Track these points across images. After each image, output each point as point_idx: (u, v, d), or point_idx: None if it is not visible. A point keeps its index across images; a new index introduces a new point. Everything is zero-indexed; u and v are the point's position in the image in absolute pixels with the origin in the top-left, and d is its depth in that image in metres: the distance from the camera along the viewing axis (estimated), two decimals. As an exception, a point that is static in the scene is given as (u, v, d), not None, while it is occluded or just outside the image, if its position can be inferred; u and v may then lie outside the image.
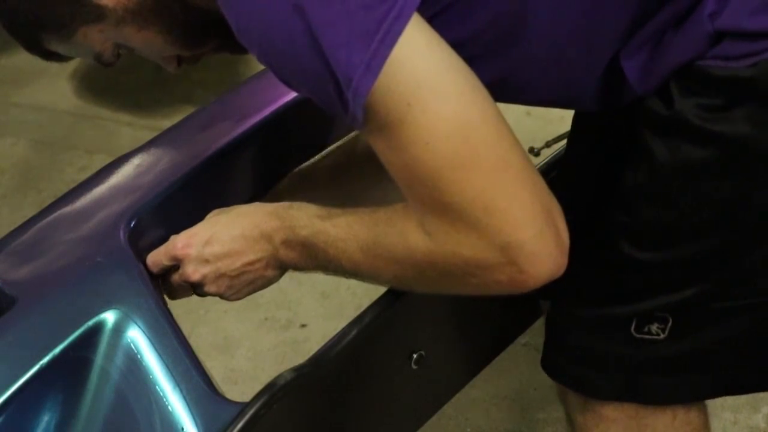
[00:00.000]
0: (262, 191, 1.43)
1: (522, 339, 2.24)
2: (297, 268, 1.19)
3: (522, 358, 2.28)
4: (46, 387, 1.13)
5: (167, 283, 1.25)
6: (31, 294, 1.20)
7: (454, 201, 0.99)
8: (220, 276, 1.20)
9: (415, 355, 1.28)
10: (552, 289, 1.16)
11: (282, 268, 1.20)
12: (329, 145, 1.51)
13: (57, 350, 1.13)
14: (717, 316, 1.18)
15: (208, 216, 1.24)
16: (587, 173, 1.33)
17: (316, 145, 1.48)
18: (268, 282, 1.22)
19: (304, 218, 1.15)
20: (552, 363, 1.31)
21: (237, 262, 1.19)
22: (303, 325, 2.40)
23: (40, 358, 1.12)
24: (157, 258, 1.23)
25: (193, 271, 1.20)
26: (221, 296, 1.23)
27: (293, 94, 1.44)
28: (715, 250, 1.14)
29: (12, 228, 1.31)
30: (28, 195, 2.85)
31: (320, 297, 2.42)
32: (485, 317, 1.43)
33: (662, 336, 1.20)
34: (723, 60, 1.07)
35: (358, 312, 1.22)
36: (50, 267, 1.24)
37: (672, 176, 1.12)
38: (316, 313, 2.41)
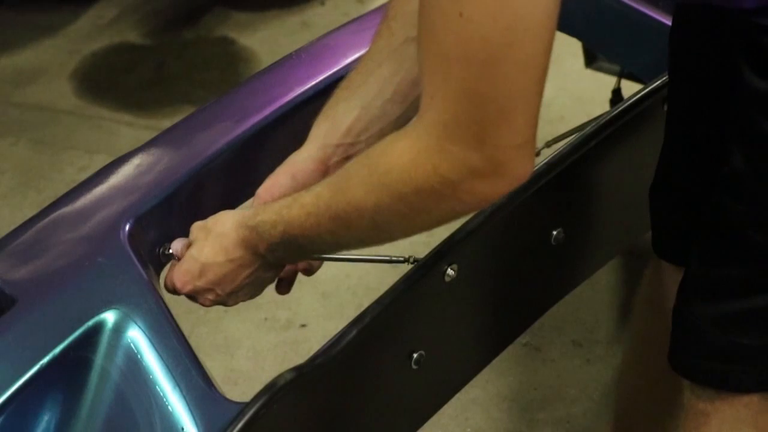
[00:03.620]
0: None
1: (522, 339, 2.25)
2: (297, 260, 1.23)
3: (522, 358, 2.28)
4: (46, 387, 1.13)
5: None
6: (31, 294, 1.20)
7: (484, 92, 0.97)
8: (229, 294, 1.25)
9: (415, 355, 1.28)
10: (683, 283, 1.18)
11: (279, 266, 1.24)
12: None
13: (57, 350, 1.13)
14: None
15: (191, 238, 1.25)
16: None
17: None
18: (273, 278, 1.27)
19: (274, 216, 1.16)
20: (687, 362, 1.28)
21: (237, 279, 1.23)
22: (303, 325, 2.40)
23: (40, 358, 1.12)
24: (174, 293, 1.26)
25: (205, 300, 1.25)
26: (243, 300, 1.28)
27: (293, 94, 1.44)
28: None
29: (12, 228, 1.31)
30: (28, 195, 2.85)
31: (320, 297, 2.42)
32: (485, 317, 1.43)
33: None
34: None
35: (358, 312, 1.22)
36: (50, 267, 1.24)
37: None
38: (316, 313, 2.41)
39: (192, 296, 1.26)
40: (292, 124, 1.43)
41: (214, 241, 1.22)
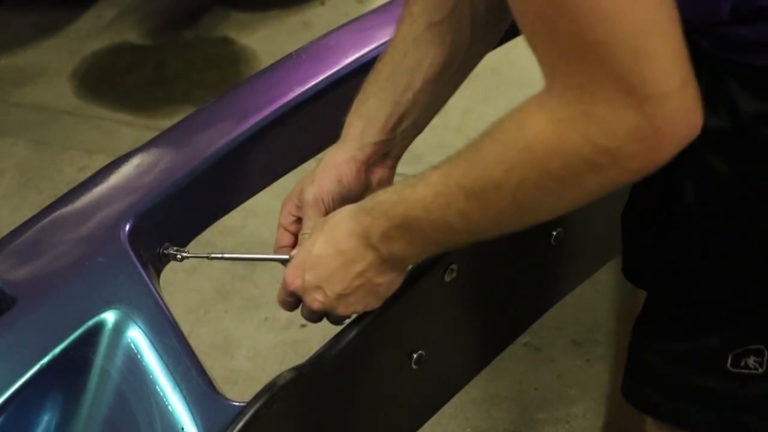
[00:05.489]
0: (261, 190, 1.44)
1: (522, 339, 2.25)
2: (412, 258, 1.12)
3: (522, 358, 2.28)
4: (46, 387, 1.13)
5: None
6: (31, 294, 1.20)
7: (602, 39, 0.86)
8: (338, 297, 1.14)
9: (415, 355, 1.28)
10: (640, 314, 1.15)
11: (398, 267, 1.13)
12: (328, 147, 1.51)
13: (57, 350, 1.13)
14: None
15: (308, 232, 1.19)
16: None
17: (316, 145, 1.48)
18: (390, 286, 1.15)
19: (394, 196, 1.06)
20: (640, 396, 1.24)
21: (346, 279, 1.12)
22: (303, 325, 2.40)
23: (40, 358, 1.12)
24: (280, 297, 1.19)
25: (312, 300, 1.15)
26: (357, 314, 1.18)
27: (293, 94, 1.44)
28: None
29: (12, 228, 1.31)
30: (28, 195, 2.85)
31: (320, 297, 2.42)
32: (485, 317, 1.43)
33: (761, 370, 1.13)
34: None
35: (358, 312, 1.22)
36: (50, 267, 1.24)
37: (746, 197, 1.07)
38: (316, 313, 2.41)
39: (299, 300, 1.17)
40: (292, 124, 1.43)
41: (328, 231, 1.12)
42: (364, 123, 1.24)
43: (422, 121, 1.26)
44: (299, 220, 1.25)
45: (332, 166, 1.24)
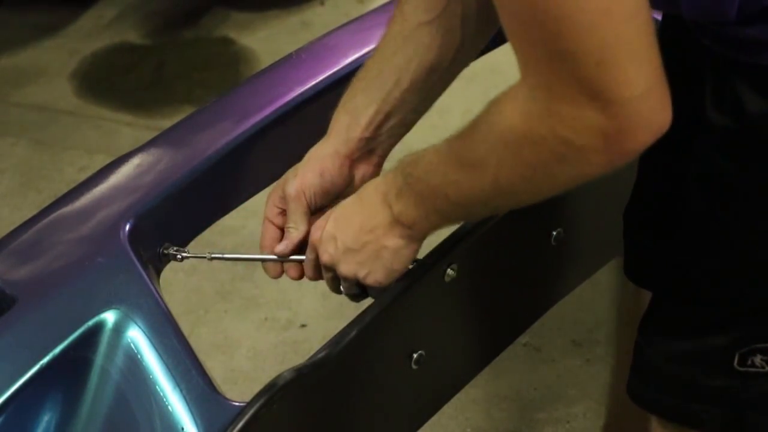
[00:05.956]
0: (261, 190, 1.44)
1: (522, 339, 2.25)
2: (418, 224, 1.13)
3: (522, 358, 2.28)
4: (46, 387, 1.13)
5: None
6: (31, 294, 1.20)
7: (568, 48, 0.91)
8: (345, 251, 1.16)
9: (415, 355, 1.28)
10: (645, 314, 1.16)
11: (407, 234, 1.14)
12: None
13: (57, 350, 1.13)
14: None
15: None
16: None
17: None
18: (396, 255, 1.16)
19: (413, 156, 1.11)
20: (646, 395, 1.25)
21: (356, 229, 1.15)
22: (303, 325, 2.40)
23: (40, 358, 1.12)
24: (307, 258, 1.22)
25: (323, 252, 1.18)
26: (360, 280, 1.18)
27: (293, 94, 1.44)
28: None
29: (12, 228, 1.31)
30: (28, 195, 2.85)
31: (320, 297, 2.42)
32: (485, 317, 1.43)
33: (767, 369, 1.15)
34: None
35: (358, 312, 1.22)
36: (50, 267, 1.24)
37: (752, 196, 1.07)
38: (316, 313, 2.41)
39: (327, 268, 1.20)
40: (292, 124, 1.43)
41: (364, 185, 1.18)
42: (350, 119, 1.25)
43: (409, 120, 1.27)
44: (284, 212, 1.26)
45: (315, 159, 1.26)
